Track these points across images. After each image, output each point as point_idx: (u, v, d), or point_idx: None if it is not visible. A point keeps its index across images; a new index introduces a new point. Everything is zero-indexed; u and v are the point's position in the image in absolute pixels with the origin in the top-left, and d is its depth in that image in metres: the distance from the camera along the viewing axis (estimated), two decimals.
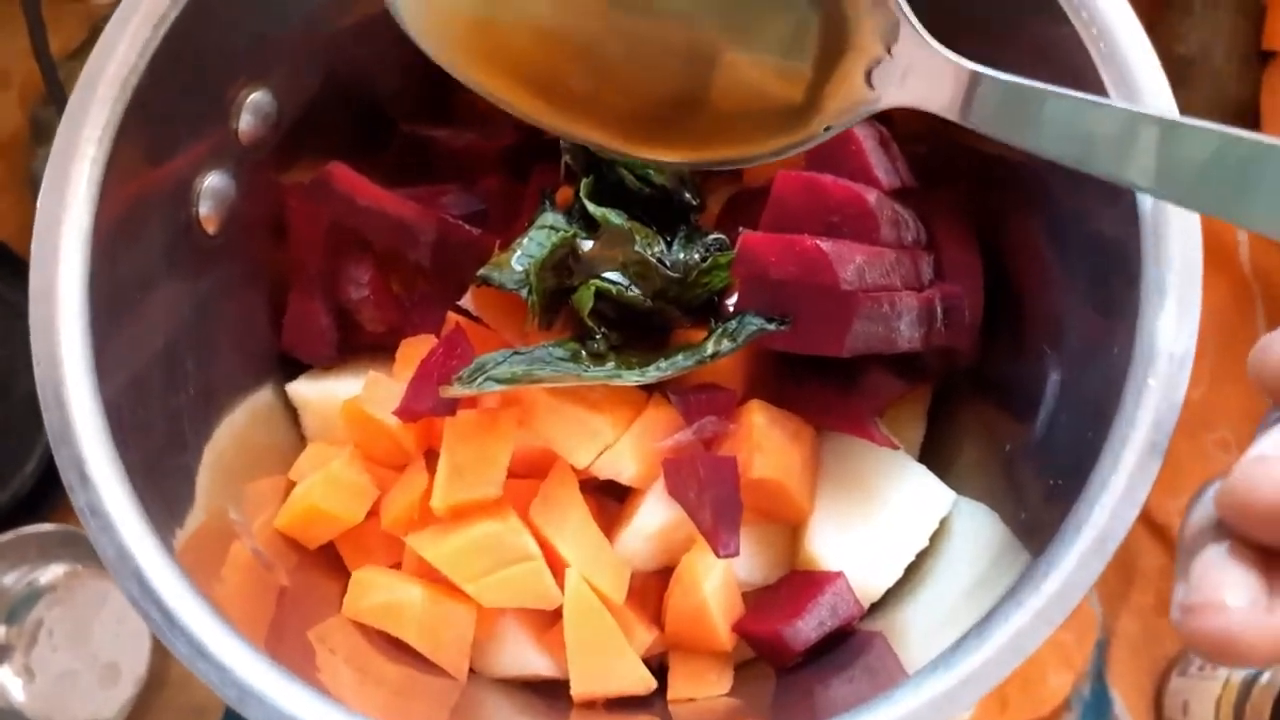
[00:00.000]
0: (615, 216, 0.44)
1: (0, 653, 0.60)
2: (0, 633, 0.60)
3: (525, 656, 0.44)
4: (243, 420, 0.46)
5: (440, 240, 0.46)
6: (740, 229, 0.41)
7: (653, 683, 0.43)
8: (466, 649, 0.43)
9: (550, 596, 0.42)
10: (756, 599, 0.45)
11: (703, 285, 0.44)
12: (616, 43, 0.38)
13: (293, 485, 0.46)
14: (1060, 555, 0.34)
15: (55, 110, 0.75)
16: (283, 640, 0.39)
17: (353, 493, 0.44)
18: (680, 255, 0.44)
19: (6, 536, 0.60)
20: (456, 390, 0.41)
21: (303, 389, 0.48)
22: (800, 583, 0.43)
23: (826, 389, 0.43)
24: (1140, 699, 0.60)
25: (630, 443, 0.42)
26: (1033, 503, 0.40)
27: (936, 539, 0.44)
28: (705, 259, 0.44)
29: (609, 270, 0.43)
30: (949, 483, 0.45)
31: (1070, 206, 0.41)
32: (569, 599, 0.42)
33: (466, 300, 0.46)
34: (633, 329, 0.44)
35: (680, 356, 0.42)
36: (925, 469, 0.45)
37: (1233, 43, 0.63)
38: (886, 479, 0.44)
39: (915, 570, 0.44)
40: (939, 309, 0.44)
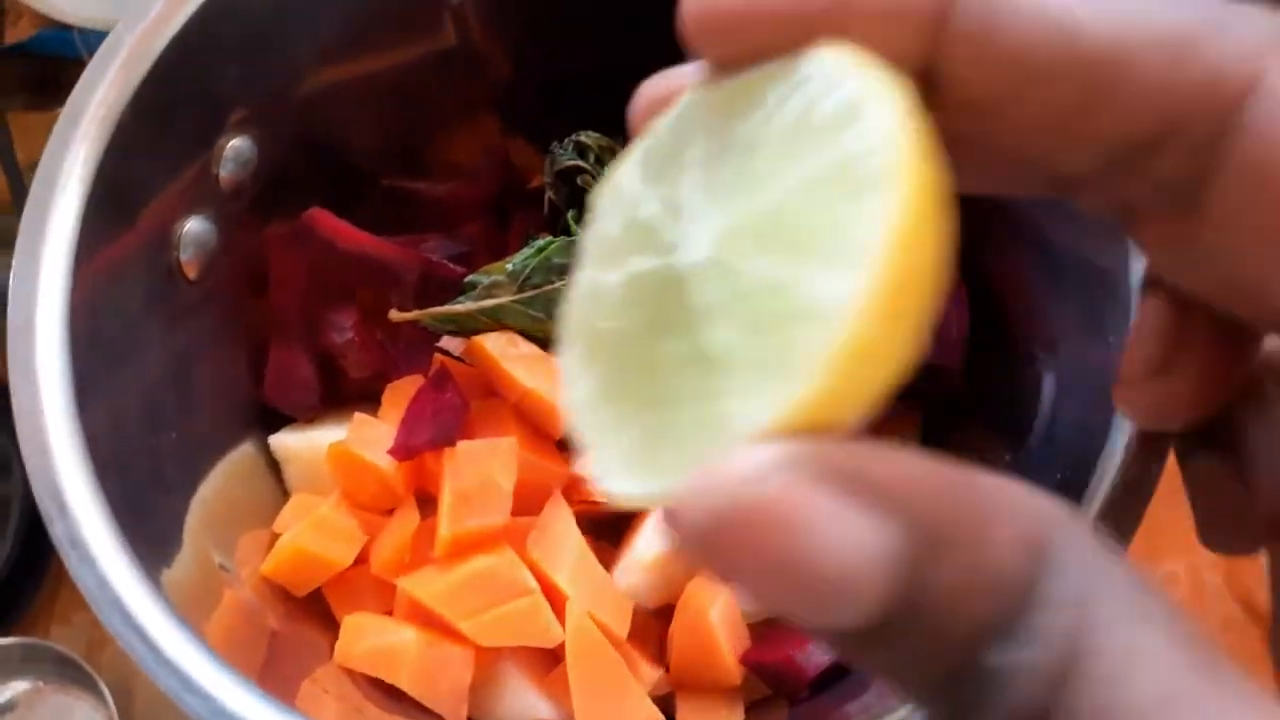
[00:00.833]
0: None
1: None
2: None
3: (526, 700, 0.42)
4: (225, 473, 0.45)
5: (423, 280, 0.46)
6: None
7: None
8: (464, 694, 0.41)
9: (550, 633, 0.40)
10: (762, 630, 0.43)
11: None
12: None
13: (277, 538, 0.44)
14: None
15: (18, 214, 0.74)
16: (274, 688, 0.37)
17: (341, 536, 0.43)
18: None
19: None
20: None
21: (287, 441, 0.47)
22: None
23: None
24: None
25: None
26: None
27: None
28: None
29: None
30: None
31: (1057, 238, 0.41)
32: (571, 634, 0.40)
33: (449, 341, 0.46)
34: None
35: None
36: None
37: None
38: None
39: None
40: None
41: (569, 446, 0.45)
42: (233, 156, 0.45)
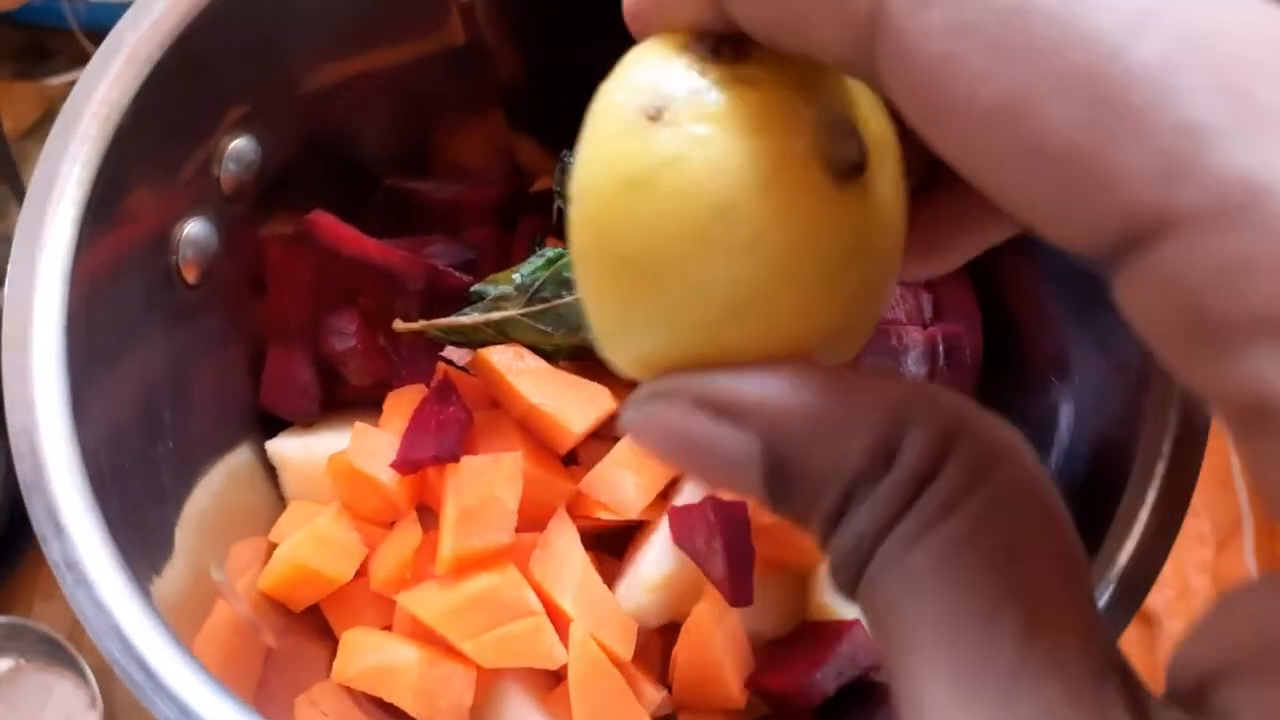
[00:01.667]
0: None
1: None
2: None
3: None
4: (221, 479, 0.44)
5: (429, 289, 0.45)
6: None
7: None
8: (465, 714, 0.40)
9: (553, 655, 0.40)
10: (769, 653, 0.43)
11: None
12: None
13: (274, 547, 0.43)
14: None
15: (8, 188, 0.73)
16: (270, 705, 0.36)
17: (340, 550, 0.42)
18: None
19: None
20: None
21: (283, 447, 0.46)
22: (816, 633, 0.42)
23: None
24: None
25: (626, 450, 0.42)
26: None
27: None
28: None
29: None
30: None
31: (1073, 263, 0.41)
32: (574, 657, 0.40)
33: (453, 350, 0.45)
34: None
35: None
36: None
37: None
38: None
39: None
40: (941, 348, 0.43)
41: (574, 461, 0.45)
42: (234, 157, 0.43)
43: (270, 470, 0.47)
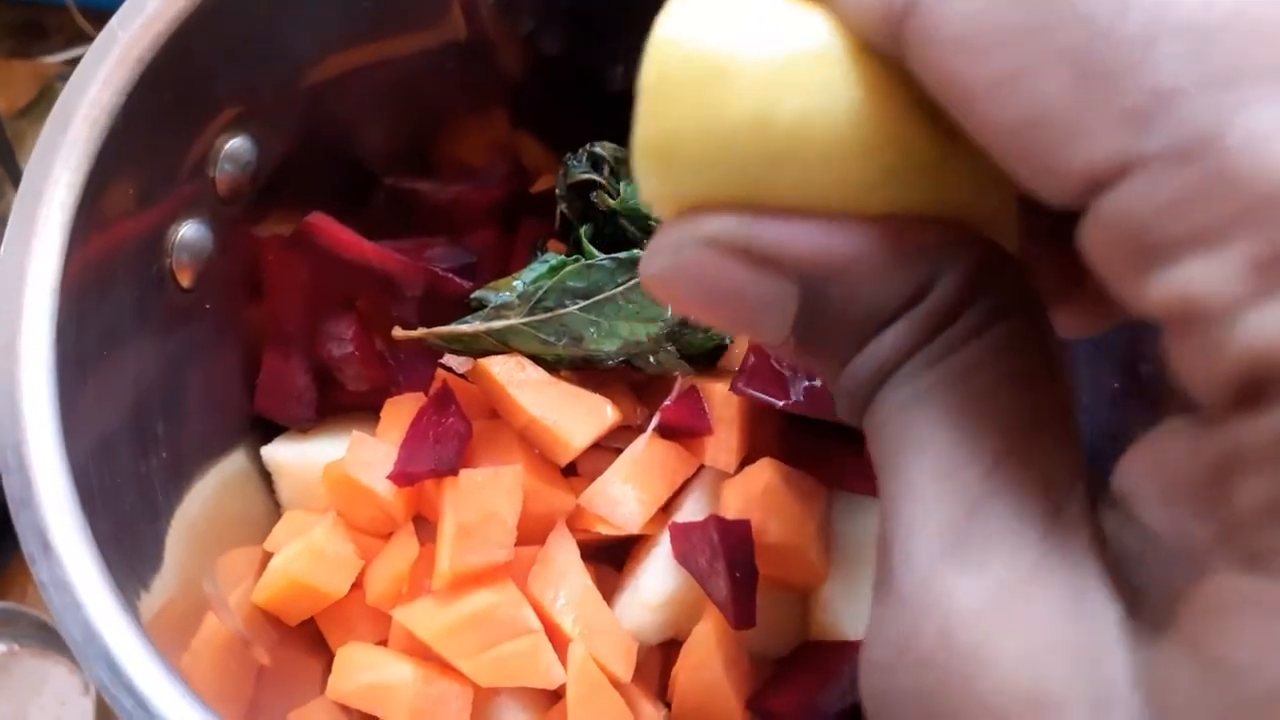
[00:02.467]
0: (612, 263, 0.42)
1: None
2: None
3: None
4: (214, 486, 0.43)
5: (429, 294, 0.44)
6: None
7: None
8: None
9: (551, 675, 0.39)
10: (770, 673, 0.42)
11: (704, 332, 0.42)
12: None
13: (269, 556, 0.42)
14: None
15: (3, 169, 0.72)
16: None
17: (336, 564, 0.41)
18: None
19: None
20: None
21: (278, 453, 0.45)
22: (819, 653, 0.41)
23: (844, 449, 0.41)
24: None
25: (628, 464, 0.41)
26: None
27: None
28: None
29: None
30: None
31: None
32: (573, 677, 0.39)
33: (452, 356, 0.44)
34: None
35: None
36: None
37: None
38: None
39: None
40: None
41: (573, 471, 0.44)
42: (230, 157, 0.42)
43: (265, 476, 0.46)
